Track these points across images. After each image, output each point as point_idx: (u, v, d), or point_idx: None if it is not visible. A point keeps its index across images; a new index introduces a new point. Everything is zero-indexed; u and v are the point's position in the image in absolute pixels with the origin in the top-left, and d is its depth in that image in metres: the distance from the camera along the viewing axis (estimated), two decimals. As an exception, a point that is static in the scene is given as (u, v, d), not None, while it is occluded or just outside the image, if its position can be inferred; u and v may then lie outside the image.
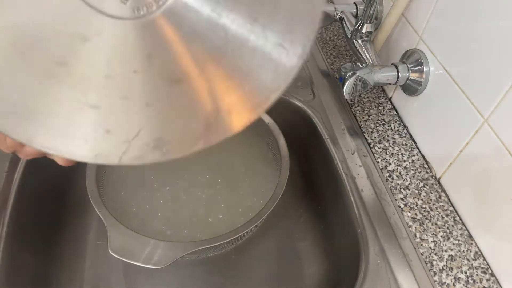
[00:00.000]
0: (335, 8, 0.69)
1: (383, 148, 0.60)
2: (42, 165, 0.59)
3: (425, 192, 0.55)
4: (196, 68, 0.26)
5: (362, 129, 0.63)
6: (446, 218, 0.52)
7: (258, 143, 0.60)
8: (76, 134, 0.25)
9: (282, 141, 0.55)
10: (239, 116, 0.26)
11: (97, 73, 0.24)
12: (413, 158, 0.59)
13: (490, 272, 0.48)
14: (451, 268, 0.48)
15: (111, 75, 0.25)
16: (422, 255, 0.49)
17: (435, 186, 0.56)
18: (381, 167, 0.58)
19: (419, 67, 0.57)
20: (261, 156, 0.59)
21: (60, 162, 0.31)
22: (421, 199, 0.54)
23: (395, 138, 0.62)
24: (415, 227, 0.51)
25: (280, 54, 0.26)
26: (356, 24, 0.62)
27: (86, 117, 0.25)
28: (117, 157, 0.25)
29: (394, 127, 0.63)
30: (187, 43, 0.25)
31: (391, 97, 0.67)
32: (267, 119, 0.58)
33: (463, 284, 0.47)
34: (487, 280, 0.47)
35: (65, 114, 0.25)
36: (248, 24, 0.25)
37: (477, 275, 0.47)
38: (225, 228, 0.51)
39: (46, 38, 0.23)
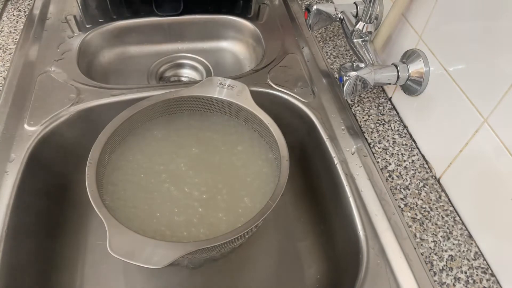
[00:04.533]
0: (335, 8, 0.69)
1: (383, 148, 0.60)
2: (42, 165, 0.59)
3: (425, 192, 0.55)
4: None
5: (362, 129, 0.63)
6: (446, 218, 0.52)
7: (258, 143, 0.60)
8: None
9: (282, 141, 0.55)
10: None
11: None
12: (413, 158, 0.59)
13: (490, 272, 0.48)
14: (451, 268, 0.48)
15: None
16: (422, 255, 0.49)
17: (435, 186, 0.56)
18: (381, 167, 0.58)
19: (419, 67, 0.57)
20: (261, 156, 0.59)
21: None
22: (421, 199, 0.54)
23: (395, 138, 0.62)
24: (415, 227, 0.51)
25: None
26: (356, 24, 0.62)
27: None
28: None
29: (394, 127, 0.63)
30: None
31: (391, 97, 0.67)
32: (267, 119, 0.58)
33: (463, 284, 0.47)
34: (487, 280, 0.47)
35: None
36: None
37: (477, 275, 0.47)
38: (225, 228, 0.51)
39: None
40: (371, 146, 0.60)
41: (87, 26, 0.81)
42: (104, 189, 0.52)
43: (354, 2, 0.69)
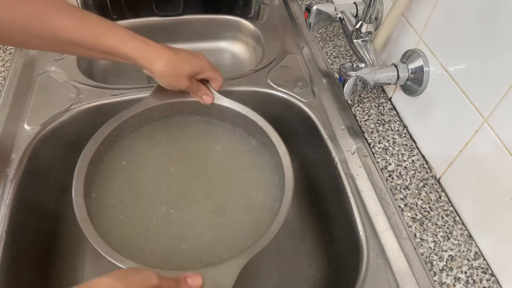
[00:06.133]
0: (335, 8, 0.69)
1: (383, 148, 0.60)
2: (42, 165, 0.59)
3: (425, 192, 0.55)
4: None
5: (362, 129, 0.63)
6: (446, 218, 0.52)
7: (261, 153, 0.58)
8: None
9: (287, 160, 0.52)
10: None
11: None
12: (413, 158, 0.59)
13: (490, 272, 0.48)
14: (451, 268, 0.48)
15: None
16: (422, 255, 0.49)
17: (435, 186, 0.56)
18: (381, 167, 0.58)
19: (419, 67, 0.57)
20: (267, 170, 0.57)
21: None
22: (421, 199, 0.54)
23: (395, 138, 0.62)
24: (415, 227, 0.51)
25: None
26: (356, 24, 0.62)
27: None
28: None
29: (394, 127, 0.63)
30: None
31: (391, 97, 0.67)
32: (268, 128, 0.55)
33: (463, 284, 0.47)
34: (487, 280, 0.47)
35: None
36: None
37: (477, 275, 0.47)
38: (231, 244, 0.48)
39: None
40: (371, 146, 0.60)
41: (87, 26, 0.80)
42: (94, 192, 0.50)
43: (354, 2, 0.69)
